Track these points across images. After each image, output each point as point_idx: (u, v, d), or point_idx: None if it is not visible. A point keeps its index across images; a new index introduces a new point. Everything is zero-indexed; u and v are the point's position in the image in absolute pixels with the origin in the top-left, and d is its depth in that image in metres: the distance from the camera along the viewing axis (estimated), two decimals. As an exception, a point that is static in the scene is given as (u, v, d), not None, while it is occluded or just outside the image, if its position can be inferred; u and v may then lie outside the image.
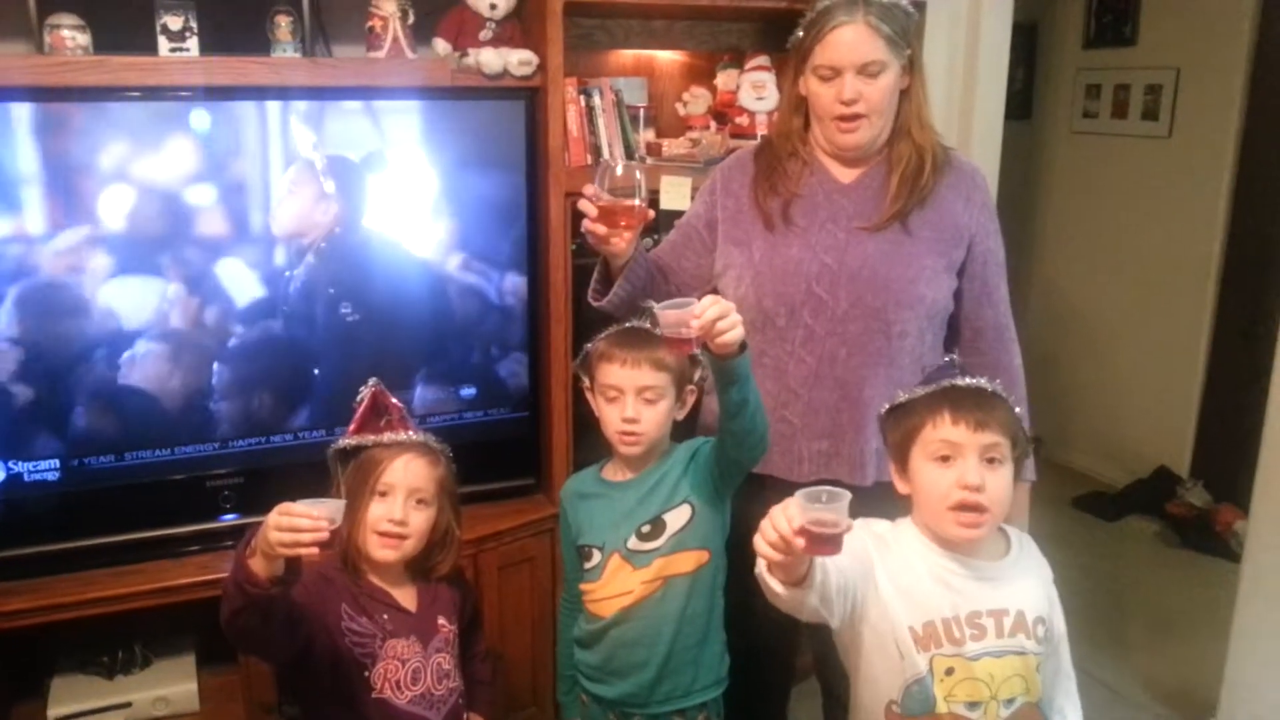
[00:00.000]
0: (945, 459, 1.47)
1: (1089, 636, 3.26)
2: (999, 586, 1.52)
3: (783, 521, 1.22)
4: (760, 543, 1.26)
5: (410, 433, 1.75)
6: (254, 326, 2.27)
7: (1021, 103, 4.69)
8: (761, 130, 2.58)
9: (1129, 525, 4.19)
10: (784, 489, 1.90)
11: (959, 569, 1.51)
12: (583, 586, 1.89)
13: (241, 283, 2.24)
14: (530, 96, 2.39)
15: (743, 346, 1.57)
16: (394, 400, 1.76)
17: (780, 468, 1.90)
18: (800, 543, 1.20)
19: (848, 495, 1.23)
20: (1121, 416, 4.52)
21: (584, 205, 1.79)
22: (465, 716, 1.80)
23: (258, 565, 1.42)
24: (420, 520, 1.72)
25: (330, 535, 1.38)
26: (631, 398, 1.79)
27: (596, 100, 2.51)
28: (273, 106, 2.20)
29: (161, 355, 2.20)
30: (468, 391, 2.50)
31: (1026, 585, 1.54)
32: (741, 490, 1.86)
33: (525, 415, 2.57)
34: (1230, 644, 2.65)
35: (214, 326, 2.23)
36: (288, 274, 2.27)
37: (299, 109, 2.21)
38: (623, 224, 1.79)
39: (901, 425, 1.54)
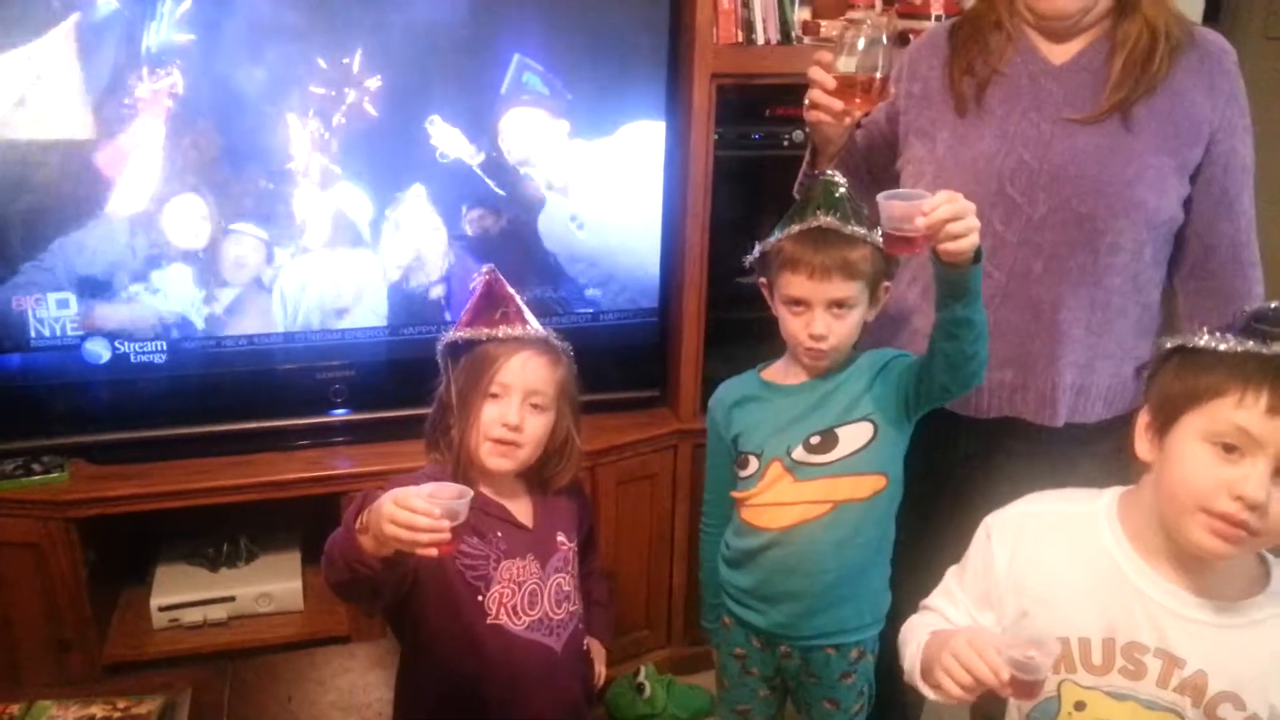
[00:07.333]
0: (1231, 450, 1.07)
1: None
2: (1196, 633, 1.14)
3: (982, 667, 1.09)
4: (947, 680, 1.13)
5: (528, 328, 1.55)
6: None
7: (1208, 3, 4.19)
8: (937, 10, 2.28)
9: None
10: (960, 426, 1.71)
11: (1147, 587, 1.16)
12: (737, 494, 1.74)
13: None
14: (676, -37, 2.17)
15: (977, 256, 1.37)
16: (511, 290, 1.57)
17: (958, 401, 1.65)
18: (1008, 690, 1.11)
19: (1057, 645, 1.13)
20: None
21: (817, 74, 1.54)
22: (585, 642, 1.66)
23: (368, 544, 1.28)
24: (537, 426, 1.54)
25: (451, 535, 1.23)
26: (820, 312, 1.60)
27: (749, -30, 2.25)
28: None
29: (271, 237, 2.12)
30: (593, 293, 2.34)
31: (1239, 653, 1.13)
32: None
33: (654, 321, 2.40)
34: None
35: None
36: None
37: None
38: (858, 101, 1.54)
39: (1186, 378, 1.12)
